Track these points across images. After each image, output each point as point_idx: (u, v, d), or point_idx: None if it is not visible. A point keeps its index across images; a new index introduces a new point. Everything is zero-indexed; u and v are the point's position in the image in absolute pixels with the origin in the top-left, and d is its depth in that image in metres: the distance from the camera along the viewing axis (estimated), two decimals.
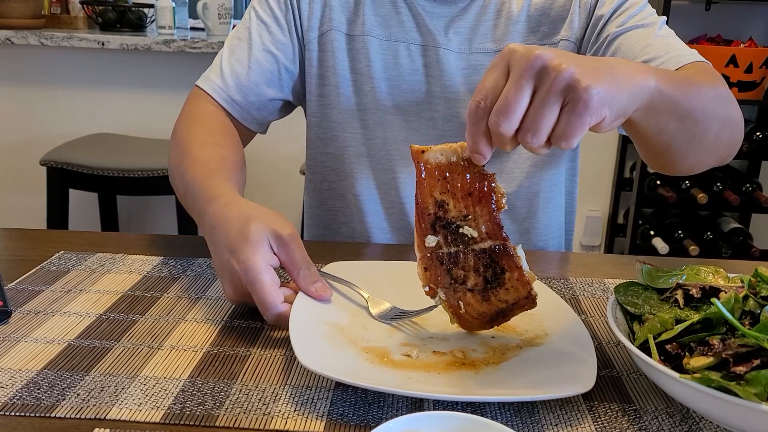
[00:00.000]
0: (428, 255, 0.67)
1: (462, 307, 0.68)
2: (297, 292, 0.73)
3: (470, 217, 0.64)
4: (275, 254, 0.72)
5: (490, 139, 0.59)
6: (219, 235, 0.73)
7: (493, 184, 0.64)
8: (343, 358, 0.65)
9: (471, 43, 1.03)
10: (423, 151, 0.64)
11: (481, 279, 0.66)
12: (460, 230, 0.65)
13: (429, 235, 0.67)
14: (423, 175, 0.65)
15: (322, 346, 0.66)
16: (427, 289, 0.69)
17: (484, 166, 0.63)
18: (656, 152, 0.83)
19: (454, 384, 0.62)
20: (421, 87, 1.05)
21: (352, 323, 0.72)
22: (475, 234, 0.65)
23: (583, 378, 0.60)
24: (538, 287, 0.70)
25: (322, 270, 0.79)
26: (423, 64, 1.04)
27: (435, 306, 0.72)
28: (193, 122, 0.99)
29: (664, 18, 0.99)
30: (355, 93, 1.06)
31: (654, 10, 1.00)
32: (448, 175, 0.64)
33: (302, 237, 1.01)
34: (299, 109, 1.16)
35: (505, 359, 0.67)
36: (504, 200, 0.64)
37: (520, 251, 0.66)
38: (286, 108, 1.11)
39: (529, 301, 0.67)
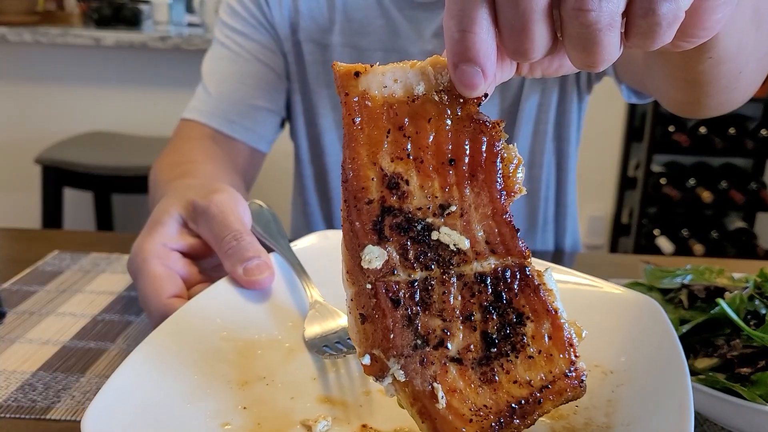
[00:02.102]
0: (369, 288, 0.37)
1: (441, 398, 0.37)
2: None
3: (454, 207, 0.37)
4: (193, 233, 0.55)
5: (496, 31, 0.33)
6: None
7: (498, 143, 0.37)
8: (179, 419, 0.40)
9: None
10: (357, 74, 0.36)
11: (478, 337, 0.37)
12: (433, 234, 0.37)
13: (369, 245, 0.37)
14: (357, 122, 0.36)
15: (167, 388, 0.41)
16: (366, 360, 0.38)
17: (480, 103, 0.37)
18: (723, 70, 0.60)
19: None
20: None
21: (273, 341, 0.48)
22: (465, 243, 0.37)
23: None
24: (637, 317, 0.43)
25: (283, 246, 0.55)
26: None
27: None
28: (169, 152, 0.91)
29: None
30: (333, 110, 0.99)
31: None
32: (407, 122, 0.36)
33: None
34: None
35: None
36: (520, 175, 0.37)
37: (549, 280, 0.38)
38: (283, 122, 1.05)
39: (570, 382, 0.37)
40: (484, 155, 0.36)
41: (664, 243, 2.76)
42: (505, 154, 0.37)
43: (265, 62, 0.98)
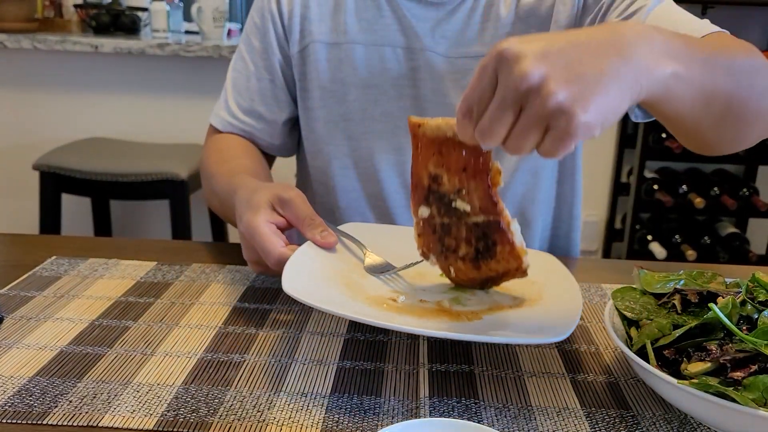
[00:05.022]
0: (421, 223, 0.72)
1: (452, 272, 0.74)
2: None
3: (464, 191, 0.66)
4: (282, 216, 0.80)
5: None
6: (237, 214, 0.82)
7: (489, 162, 0.65)
8: (329, 292, 0.71)
9: (458, 47, 1.00)
10: (420, 125, 0.67)
11: (472, 249, 0.70)
12: (453, 204, 0.67)
13: (422, 206, 0.70)
14: (419, 148, 0.68)
15: (313, 281, 0.71)
16: (420, 252, 0.75)
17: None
18: (684, 133, 0.78)
19: (430, 326, 0.68)
20: (409, 92, 1.02)
21: (350, 270, 0.78)
22: (468, 208, 0.67)
23: (558, 330, 0.63)
24: (550, 264, 0.80)
25: (334, 227, 0.84)
26: (411, 67, 1.02)
27: (420, 261, 0.77)
28: (213, 151, 1.06)
29: None
30: (337, 103, 1.04)
31: None
32: (443, 149, 0.66)
33: None
34: None
35: (489, 313, 0.71)
36: (500, 177, 0.65)
37: (515, 226, 0.68)
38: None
39: (519, 272, 0.70)
40: (480, 167, 0.65)
41: (656, 248, 2.77)
42: (492, 166, 0.65)
43: (277, 81, 1.07)
